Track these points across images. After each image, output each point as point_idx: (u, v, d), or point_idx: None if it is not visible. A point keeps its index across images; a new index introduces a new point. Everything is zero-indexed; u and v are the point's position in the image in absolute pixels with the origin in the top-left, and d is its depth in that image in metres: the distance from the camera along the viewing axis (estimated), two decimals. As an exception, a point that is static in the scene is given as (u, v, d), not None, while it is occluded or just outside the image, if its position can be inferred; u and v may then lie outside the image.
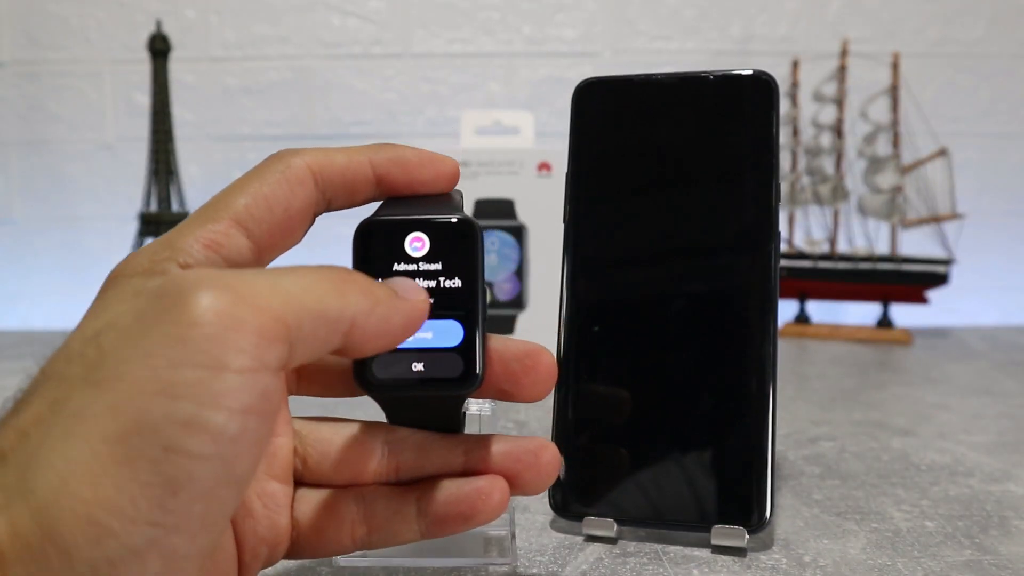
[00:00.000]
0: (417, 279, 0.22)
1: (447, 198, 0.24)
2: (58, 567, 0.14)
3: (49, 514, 0.14)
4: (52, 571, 0.14)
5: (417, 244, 0.22)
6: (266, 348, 0.16)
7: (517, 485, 0.24)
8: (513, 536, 0.28)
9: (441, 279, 0.22)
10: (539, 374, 0.24)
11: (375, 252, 0.22)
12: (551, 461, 0.24)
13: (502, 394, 0.24)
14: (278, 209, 0.22)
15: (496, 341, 0.23)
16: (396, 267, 0.22)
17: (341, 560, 0.28)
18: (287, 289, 0.17)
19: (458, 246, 0.22)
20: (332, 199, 0.23)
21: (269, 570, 0.27)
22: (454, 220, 0.23)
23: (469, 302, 0.22)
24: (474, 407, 0.25)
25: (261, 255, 0.22)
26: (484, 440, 0.24)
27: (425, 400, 0.23)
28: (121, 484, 0.14)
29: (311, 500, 0.23)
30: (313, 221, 0.23)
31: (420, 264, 0.22)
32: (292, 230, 0.22)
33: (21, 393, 0.17)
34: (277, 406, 0.16)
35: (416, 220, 0.23)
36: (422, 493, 0.23)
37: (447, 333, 0.22)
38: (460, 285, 0.22)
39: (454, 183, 0.24)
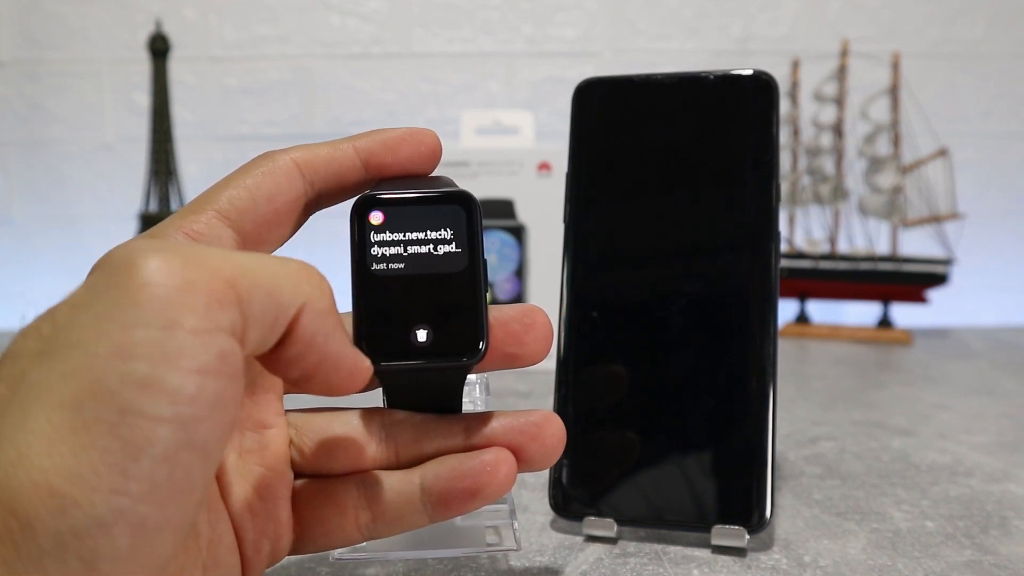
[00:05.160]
0: (415, 251, 0.22)
1: (438, 178, 0.24)
2: (22, 541, 0.14)
3: (9, 487, 0.14)
4: (16, 546, 0.14)
5: (414, 217, 0.22)
6: (218, 310, 0.15)
7: (522, 459, 0.23)
8: (515, 522, 0.27)
9: (441, 251, 0.22)
10: (538, 330, 0.23)
11: (372, 227, 0.22)
12: (555, 433, 0.23)
13: (508, 359, 0.23)
14: (262, 201, 0.22)
15: (492, 310, 0.23)
16: (394, 241, 0.22)
17: (336, 553, 0.26)
18: (239, 261, 0.17)
19: (457, 218, 0.22)
20: (322, 191, 0.23)
21: (269, 569, 0.27)
22: (452, 192, 0.23)
23: (470, 274, 0.22)
24: (466, 401, 0.25)
25: (247, 247, 0.22)
26: (485, 416, 0.23)
27: (430, 376, 0.23)
28: (79, 451, 0.14)
29: (311, 490, 0.23)
30: (306, 217, 0.23)
31: (419, 236, 0.22)
32: (279, 223, 0.22)
33: None
34: (237, 370, 0.16)
35: (414, 193, 0.23)
36: (425, 472, 0.23)
37: (450, 306, 0.22)
38: (460, 257, 0.22)
39: (437, 154, 0.24)
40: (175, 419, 0.15)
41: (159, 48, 0.84)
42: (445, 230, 0.22)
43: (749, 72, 0.32)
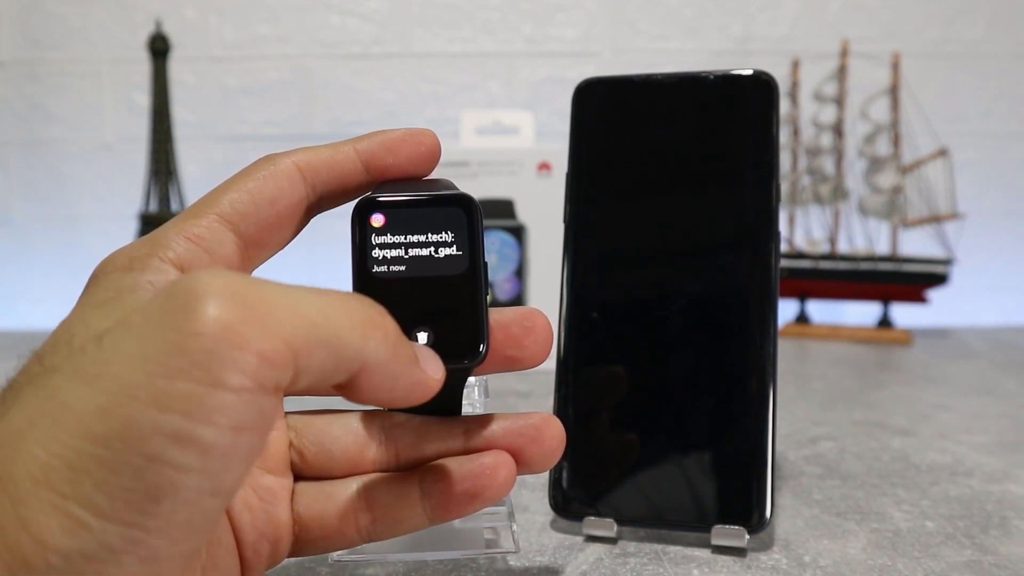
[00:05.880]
0: (416, 253, 0.22)
1: (438, 180, 0.24)
2: (31, 555, 0.14)
3: (27, 504, 0.14)
4: (24, 559, 0.14)
5: (415, 220, 0.22)
6: (267, 371, 0.15)
7: (522, 462, 0.23)
8: (514, 524, 0.27)
9: (441, 254, 0.22)
10: (538, 333, 0.23)
11: (373, 228, 0.22)
12: (555, 435, 0.23)
13: (508, 362, 0.24)
14: (264, 204, 0.22)
15: (492, 313, 0.23)
16: (394, 243, 0.22)
17: (335, 555, 0.26)
18: (305, 312, 0.16)
19: (457, 221, 0.23)
20: (324, 194, 0.23)
21: (270, 571, 0.27)
22: (453, 194, 0.23)
23: (471, 277, 0.22)
24: (466, 403, 0.25)
25: (248, 251, 0.22)
26: (484, 419, 0.24)
27: None
28: (101, 484, 0.14)
29: (311, 492, 0.23)
30: (307, 220, 0.23)
31: (419, 239, 0.22)
32: (280, 227, 0.22)
33: (10, 381, 0.17)
34: (271, 423, 0.16)
35: (415, 195, 0.23)
36: (424, 475, 0.23)
37: (451, 308, 0.22)
38: (460, 260, 0.22)
39: (437, 154, 0.24)
40: (203, 470, 0.15)
41: (159, 48, 0.84)
42: (446, 233, 0.22)
43: (749, 72, 0.32)
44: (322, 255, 0.88)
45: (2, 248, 0.97)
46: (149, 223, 0.85)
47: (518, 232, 0.63)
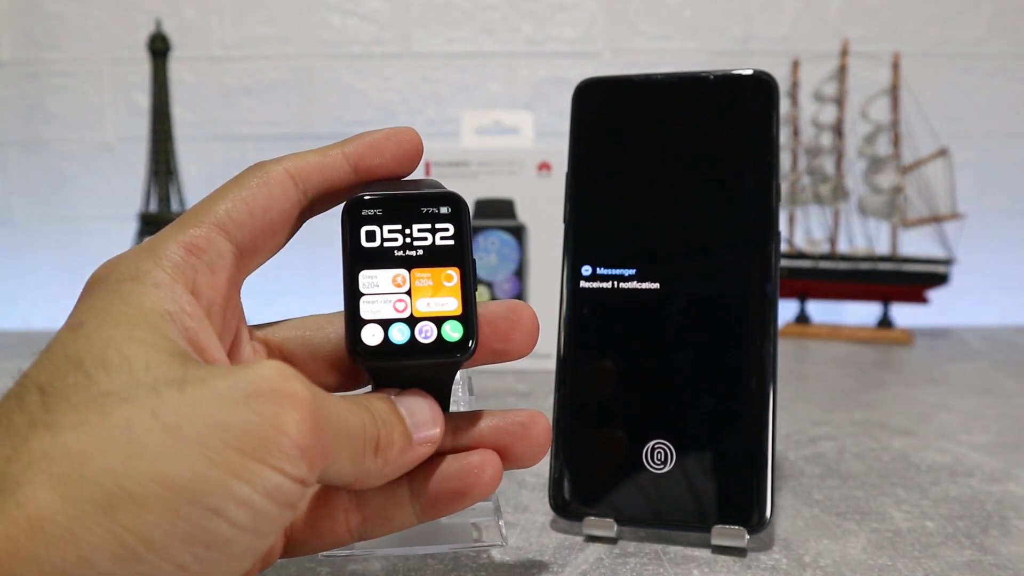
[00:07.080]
0: (405, 251, 0.23)
1: (422, 180, 0.25)
2: (74, 571, 0.15)
3: (83, 524, 0.15)
4: (65, 573, 0.15)
5: (405, 217, 0.23)
6: (308, 473, 0.18)
7: (509, 458, 0.24)
8: (500, 519, 0.28)
9: (430, 251, 0.23)
10: (525, 325, 0.24)
11: (363, 227, 0.23)
12: (542, 432, 0.24)
13: (495, 355, 0.24)
14: (259, 212, 0.22)
15: (479, 307, 0.24)
16: (384, 241, 0.23)
17: (324, 552, 0.26)
18: (343, 428, 0.19)
19: (446, 218, 0.23)
20: (315, 198, 0.23)
21: (269, 571, 0.27)
22: (440, 192, 0.23)
23: (460, 273, 0.23)
24: (451, 400, 0.25)
25: (243, 258, 0.22)
26: (472, 416, 0.24)
27: (421, 371, 0.23)
28: (164, 525, 0.16)
29: None
30: (299, 225, 0.24)
31: (408, 237, 0.23)
32: (275, 234, 0.23)
33: (42, 384, 0.17)
34: (297, 505, 0.18)
35: (403, 193, 0.23)
36: (413, 474, 0.23)
37: (441, 303, 0.22)
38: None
39: (420, 150, 0.24)
40: (254, 530, 0.17)
41: (159, 48, 0.84)
42: (432, 229, 0.23)
43: (749, 72, 0.32)
44: (322, 257, 0.88)
45: (2, 248, 0.97)
46: (149, 223, 0.85)
47: (518, 232, 0.63)
